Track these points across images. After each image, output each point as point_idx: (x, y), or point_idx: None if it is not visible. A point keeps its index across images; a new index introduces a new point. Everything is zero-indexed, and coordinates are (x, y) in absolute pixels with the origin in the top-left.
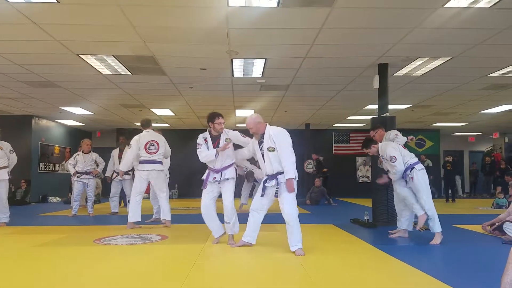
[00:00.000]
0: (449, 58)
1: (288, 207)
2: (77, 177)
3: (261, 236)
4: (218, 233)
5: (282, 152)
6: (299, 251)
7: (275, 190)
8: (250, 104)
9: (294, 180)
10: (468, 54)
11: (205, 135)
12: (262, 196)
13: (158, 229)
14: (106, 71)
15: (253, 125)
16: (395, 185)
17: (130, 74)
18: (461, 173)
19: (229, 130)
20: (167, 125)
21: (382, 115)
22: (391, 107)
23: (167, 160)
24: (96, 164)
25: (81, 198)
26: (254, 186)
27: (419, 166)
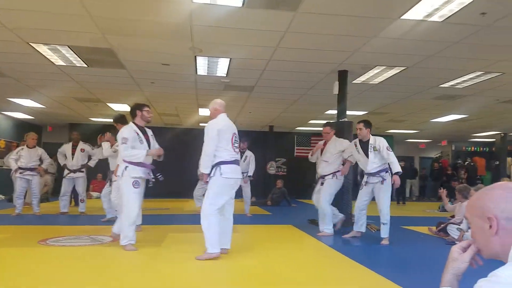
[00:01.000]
0: (404, 68)
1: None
2: (20, 173)
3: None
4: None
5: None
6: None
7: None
8: None
9: (206, 175)
10: (422, 65)
11: (134, 127)
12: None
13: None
14: (59, 62)
15: (210, 108)
16: (379, 189)
17: (86, 66)
18: (413, 178)
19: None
20: None
21: (340, 120)
22: (349, 113)
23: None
24: (41, 160)
25: (27, 196)
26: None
27: (389, 172)
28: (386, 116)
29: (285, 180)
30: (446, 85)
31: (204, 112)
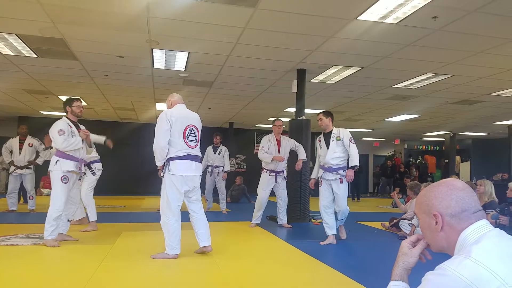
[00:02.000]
0: (360, 68)
1: None
2: None
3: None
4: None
5: None
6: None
7: None
8: None
9: (160, 169)
10: (376, 66)
11: (67, 120)
12: None
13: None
14: (7, 51)
15: (167, 101)
16: (337, 188)
17: (36, 56)
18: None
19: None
20: None
21: (298, 118)
22: (307, 111)
23: None
24: None
25: None
26: None
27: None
28: (343, 115)
29: (245, 177)
30: (399, 85)
31: (162, 107)
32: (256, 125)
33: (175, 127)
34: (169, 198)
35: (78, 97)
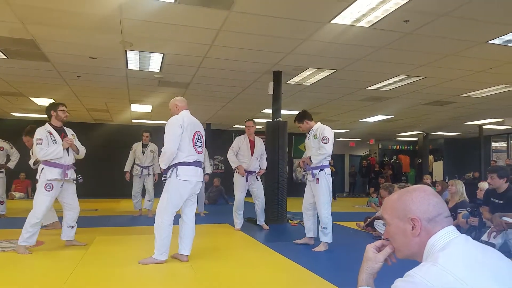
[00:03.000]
0: (334, 70)
1: None
2: None
3: (137, 239)
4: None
5: None
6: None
7: None
8: (148, 99)
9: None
10: (351, 68)
11: (47, 127)
12: None
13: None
14: None
15: (171, 106)
16: (315, 189)
17: (6, 57)
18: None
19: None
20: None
21: (275, 120)
22: (284, 112)
23: None
24: None
25: None
26: None
27: (328, 170)
28: (319, 116)
29: (223, 178)
30: (373, 87)
31: (137, 108)
32: (234, 126)
33: (186, 133)
34: (169, 202)
35: (63, 102)
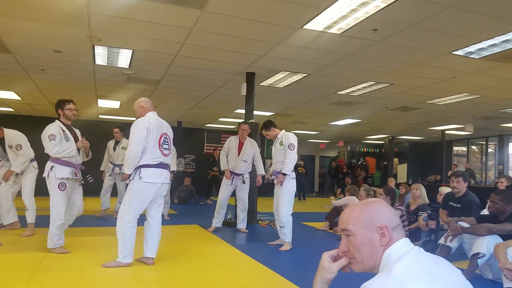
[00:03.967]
0: (306, 74)
1: None
2: None
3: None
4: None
5: None
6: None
7: None
8: (116, 95)
9: (127, 176)
10: (322, 73)
11: (59, 124)
12: None
13: None
14: None
15: (136, 107)
16: (276, 190)
17: None
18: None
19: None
20: (11, 109)
21: (248, 121)
22: (257, 113)
23: None
24: None
25: None
26: None
27: (292, 174)
28: (291, 117)
29: (194, 178)
30: (342, 92)
31: (104, 103)
32: (207, 125)
33: (151, 135)
34: (132, 205)
35: (71, 99)
